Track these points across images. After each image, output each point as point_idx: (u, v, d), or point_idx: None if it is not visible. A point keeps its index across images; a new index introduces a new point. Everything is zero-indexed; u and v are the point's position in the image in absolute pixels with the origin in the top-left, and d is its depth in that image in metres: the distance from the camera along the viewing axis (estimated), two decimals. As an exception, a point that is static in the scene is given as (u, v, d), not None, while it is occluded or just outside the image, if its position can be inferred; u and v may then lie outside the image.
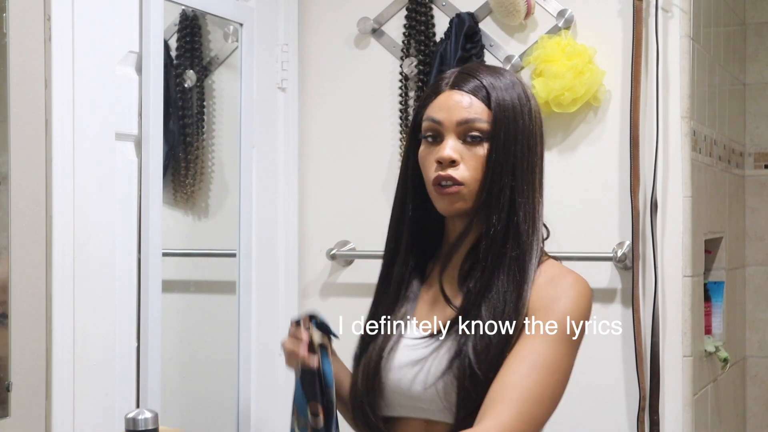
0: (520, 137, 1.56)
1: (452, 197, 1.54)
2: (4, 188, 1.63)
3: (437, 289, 1.61)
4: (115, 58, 1.87)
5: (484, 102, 1.56)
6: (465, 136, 1.55)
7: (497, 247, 1.54)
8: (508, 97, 1.57)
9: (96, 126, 1.81)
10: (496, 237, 1.54)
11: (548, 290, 1.54)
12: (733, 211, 2.83)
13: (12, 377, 1.62)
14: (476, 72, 1.59)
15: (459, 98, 1.57)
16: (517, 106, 1.57)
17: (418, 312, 1.63)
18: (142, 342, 1.92)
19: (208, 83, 2.40)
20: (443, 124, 1.56)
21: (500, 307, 1.52)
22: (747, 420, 3.01)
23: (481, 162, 1.54)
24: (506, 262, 1.54)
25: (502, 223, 1.55)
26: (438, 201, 1.57)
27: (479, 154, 1.54)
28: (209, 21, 2.35)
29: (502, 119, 1.55)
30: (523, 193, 1.56)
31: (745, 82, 3.03)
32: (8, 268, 1.63)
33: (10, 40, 1.62)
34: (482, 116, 1.55)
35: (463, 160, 1.54)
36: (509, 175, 1.55)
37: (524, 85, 1.60)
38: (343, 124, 2.48)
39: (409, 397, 1.55)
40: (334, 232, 2.47)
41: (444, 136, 1.56)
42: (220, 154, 2.40)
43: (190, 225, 2.40)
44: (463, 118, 1.55)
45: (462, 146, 1.55)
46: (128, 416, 1.48)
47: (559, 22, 2.28)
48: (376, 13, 2.44)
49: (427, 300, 1.63)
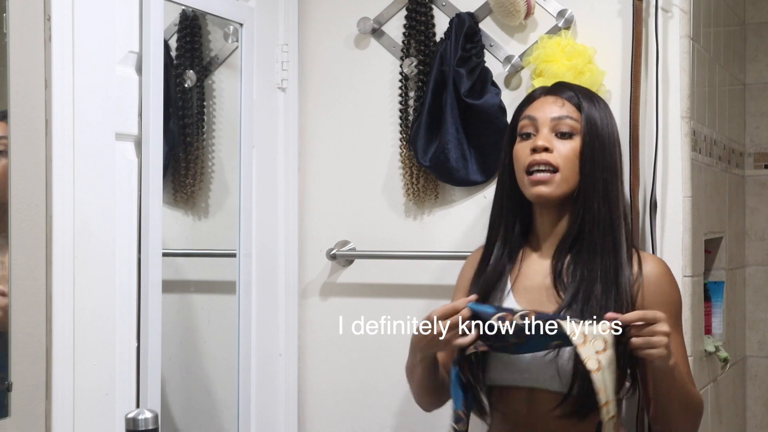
0: (606, 138, 1.82)
1: (543, 184, 1.78)
2: (4, 188, 1.63)
3: (536, 279, 1.82)
4: (115, 58, 1.87)
5: (575, 105, 1.83)
6: (557, 131, 1.80)
7: (596, 236, 1.77)
8: (595, 104, 1.85)
9: (96, 126, 1.81)
10: (595, 226, 1.77)
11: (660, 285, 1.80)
12: (733, 211, 2.83)
13: (12, 377, 1.62)
14: (568, 83, 1.92)
15: (553, 100, 1.86)
16: (602, 113, 1.84)
17: (519, 301, 1.81)
18: (142, 342, 1.92)
19: (208, 83, 2.40)
20: (538, 120, 1.82)
21: (602, 303, 1.72)
22: (747, 420, 3.01)
23: (572, 154, 1.79)
24: (602, 253, 1.76)
25: (602, 212, 1.78)
26: (528, 188, 1.80)
27: (569, 146, 1.79)
28: (209, 21, 2.36)
29: (591, 120, 1.81)
30: (614, 187, 1.80)
31: (745, 82, 3.03)
32: (8, 268, 1.63)
33: (10, 40, 1.62)
34: (573, 115, 1.81)
35: (555, 150, 1.78)
36: (600, 169, 1.79)
37: (606, 102, 1.91)
38: (343, 124, 2.48)
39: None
40: (334, 232, 2.47)
41: (539, 130, 1.81)
42: (220, 154, 2.40)
43: (190, 225, 2.40)
44: (556, 115, 1.81)
45: (554, 138, 1.79)
46: (128, 416, 1.48)
47: (559, 22, 2.28)
48: (376, 13, 2.44)
49: (525, 289, 1.83)
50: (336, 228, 2.47)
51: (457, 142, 2.30)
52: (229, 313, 2.31)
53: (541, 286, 1.83)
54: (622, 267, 1.77)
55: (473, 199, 2.35)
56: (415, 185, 2.38)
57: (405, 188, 2.40)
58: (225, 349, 2.33)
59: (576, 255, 1.79)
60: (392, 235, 2.42)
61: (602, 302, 1.74)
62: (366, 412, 2.44)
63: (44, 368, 1.69)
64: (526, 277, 1.86)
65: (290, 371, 2.45)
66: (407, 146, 2.38)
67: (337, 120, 2.49)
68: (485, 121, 2.28)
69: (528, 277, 1.86)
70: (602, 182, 1.79)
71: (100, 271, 1.81)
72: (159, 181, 1.96)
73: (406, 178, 2.40)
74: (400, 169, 2.41)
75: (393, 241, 2.42)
